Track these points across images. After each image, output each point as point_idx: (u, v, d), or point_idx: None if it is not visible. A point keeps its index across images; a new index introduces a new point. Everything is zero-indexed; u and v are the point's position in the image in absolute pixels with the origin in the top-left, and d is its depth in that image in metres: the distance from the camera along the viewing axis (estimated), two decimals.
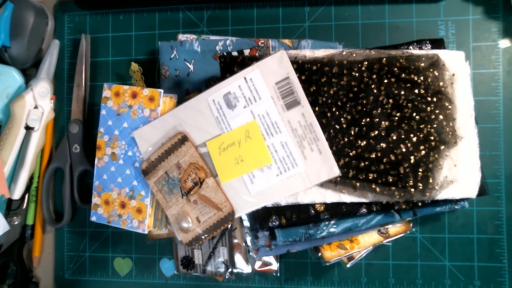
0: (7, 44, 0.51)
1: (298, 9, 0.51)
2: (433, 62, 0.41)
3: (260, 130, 0.40)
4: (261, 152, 0.40)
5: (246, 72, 0.40)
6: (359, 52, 0.41)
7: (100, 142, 0.46)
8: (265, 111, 0.40)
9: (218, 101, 0.41)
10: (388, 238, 0.46)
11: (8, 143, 0.51)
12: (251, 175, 0.41)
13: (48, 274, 0.56)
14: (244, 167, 0.41)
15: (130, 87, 0.45)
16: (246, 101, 0.40)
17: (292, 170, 0.40)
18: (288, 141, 0.40)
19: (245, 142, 0.41)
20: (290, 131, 0.40)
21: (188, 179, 0.42)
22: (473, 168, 0.41)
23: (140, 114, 0.44)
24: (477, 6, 0.49)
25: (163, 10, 0.54)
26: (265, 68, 0.40)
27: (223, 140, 0.41)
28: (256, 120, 0.40)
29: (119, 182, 0.45)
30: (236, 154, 0.41)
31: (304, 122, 0.39)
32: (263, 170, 0.40)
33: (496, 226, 0.48)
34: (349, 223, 0.43)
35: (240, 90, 0.40)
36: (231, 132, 0.41)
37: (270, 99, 0.40)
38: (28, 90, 0.52)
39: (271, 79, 0.40)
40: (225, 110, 0.41)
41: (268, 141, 0.40)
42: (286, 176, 0.40)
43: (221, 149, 0.41)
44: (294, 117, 0.39)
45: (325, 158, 0.39)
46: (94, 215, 0.47)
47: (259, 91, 0.40)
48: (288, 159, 0.40)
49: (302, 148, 0.39)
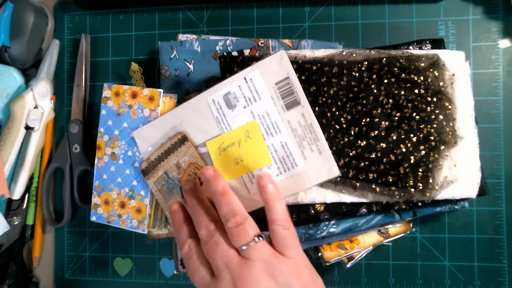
0: (7, 44, 0.51)
1: (298, 9, 0.51)
2: (433, 62, 0.40)
3: (260, 130, 0.40)
4: (261, 152, 0.40)
5: (246, 72, 0.40)
6: (359, 52, 0.41)
7: (100, 142, 0.46)
8: (265, 111, 0.40)
9: (218, 101, 0.41)
10: (388, 238, 0.46)
11: (8, 143, 0.51)
12: (251, 175, 0.41)
13: (48, 274, 0.56)
14: (244, 167, 0.41)
15: (130, 87, 0.45)
16: (246, 101, 0.40)
17: (292, 170, 0.40)
18: (288, 141, 0.40)
19: (245, 142, 0.41)
20: (290, 131, 0.40)
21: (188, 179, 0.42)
22: (473, 168, 0.41)
23: (140, 114, 0.44)
24: (477, 6, 0.49)
25: (163, 10, 0.54)
26: (265, 68, 0.40)
27: (223, 140, 0.41)
28: (256, 120, 0.40)
29: (119, 182, 0.45)
30: (236, 154, 0.41)
31: (304, 122, 0.39)
32: (263, 171, 0.40)
33: (496, 226, 0.48)
34: (349, 223, 0.43)
35: (240, 90, 0.40)
36: (231, 132, 0.41)
37: (270, 99, 0.40)
38: (28, 90, 0.52)
39: (271, 79, 0.40)
40: (225, 110, 0.41)
41: (268, 141, 0.40)
42: (286, 176, 0.40)
43: (221, 149, 0.41)
44: (294, 117, 0.39)
45: (325, 158, 0.39)
46: (94, 215, 0.47)
47: (259, 91, 0.40)
48: (288, 159, 0.40)
49: (302, 148, 0.39)
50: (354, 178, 0.40)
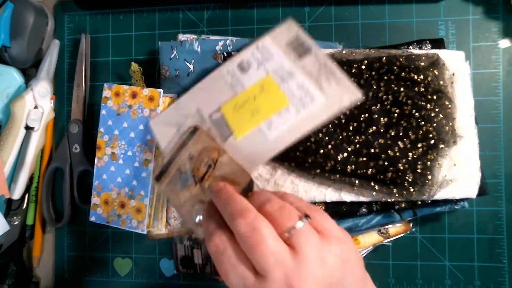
0: (7, 44, 0.51)
1: (298, 9, 0.51)
2: (433, 61, 0.41)
3: (275, 82, 0.40)
4: (277, 97, 0.40)
5: (258, 41, 0.41)
6: (358, 51, 0.41)
7: (100, 142, 0.46)
8: (279, 65, 0.40)
9: (232, 69, 0.41)
10: (388, 238, 0.46)
11: (8, 143, 0.51)
12: (269, 121, 0.39)
13: (48, 274, 0.56)
14: (260, 115, 0.40)
15: (130, 87, 0.45)
16: (259, 63, 0.41)
17: (311, 107, 0.39)
18: (304, 82, 0.39)
19: (260, 95, 0.40)
20: (305, 74, 0.39)
21: (201, 165, 0.39)
22: (473, 168, 0.41)
23: (140, 114, 0.44)
24: (477, 6, 0.49)
25: (163, 10, 0.54)
26: (275, 36, 0.41)
27: (237, 100, 0.41)
28: (271, 74, 0.40)
29: (119, 182, 0.45)
30: (252, 108, 0.40)
31: (317, 65, 0.39)
32: (280, 114, 0.39)
33: (496, 226, 0.48)
34: (349, 223, 0.43)
35: (252, 56, 0.41)
36: (245, 91, 0.41)
37: (282, 54, 0.40)
38: (28, 90, 0.52)
39: (282, 42, 0.40)
40: (238, 75, 0.41)
41: (283, 87, 0.40)
42: (306, 112, 0.39)
43: (236, 108, 0.40)
44: (308, 63, 0.39)
45: (344, 86, 0.38)
46: (93, 215, 0.47)
47: (272, 52, 0.41)
48: (306, 97, 0.39)
49: (319, 84, 0.39)
50: (352, 175, 0.40)
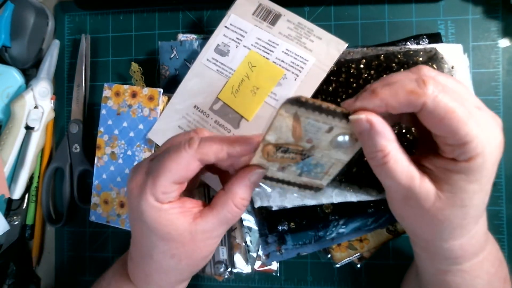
0: (7, 44, 0.51)
1: (298, 9, 0.51)
2: (432, 56, 0.41)
3: (260, 55, 0.42)
4: (271, 70, 0.41)
5: (224, 22, 0.43)
6: (356, 50, 0.41)
7: (100, 141, 0.46)
8: (256, 38, 0.42)
9: (212, 56, 0.43)
10: (397, 236, 0.46)
11: (8, 143, 0.51)
12: (272, 95, 0.41)
13: (48, 274, 0.56)
14: (262, 92, 0.41)
15: (130, 86, 0.45)
16: (236, 42, 0.43)
17: (305, 68, 0.41)
18: (288, 47, 0.41)
19: (252, 73, 0.42)
20: (285, 39, 0.42)
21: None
22: None
23: (140, 113, 0.45)
24: (477, 5, 0.49)
25: (163, 10, 0.54)
26: (238, 10, 0.43)
27: (232, 84, 0.42)
28: (252, 49, 0.42)
29: (118, 182, 0.45)
30: (250, 87, 0.42)
31: (292, 25, 0.42)
32: (281, 84, 0.41)
33: (496, 226, 0.48)
34: (358, 223, 0.43)
35: (226, 37, 0.43)
36: (235, 73, 0.42)
37: (255, 27, 0.42)
38: (28, 90, 0.52)
39: (247, 13, 0.43)
40: (221, 60, 0.43)
41: (271, 58, 0.42)
42: (303, 75, 0.41)
43: (234, 92, 0.42)
44: (282, 27, 0.42)
45: (327, 40, 0.41)
46: (93, 215, 0.47)
47: (243, 28, 0.43)
48: (297, 60, 0.41)
49: (303, 45, 0.41)
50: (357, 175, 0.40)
